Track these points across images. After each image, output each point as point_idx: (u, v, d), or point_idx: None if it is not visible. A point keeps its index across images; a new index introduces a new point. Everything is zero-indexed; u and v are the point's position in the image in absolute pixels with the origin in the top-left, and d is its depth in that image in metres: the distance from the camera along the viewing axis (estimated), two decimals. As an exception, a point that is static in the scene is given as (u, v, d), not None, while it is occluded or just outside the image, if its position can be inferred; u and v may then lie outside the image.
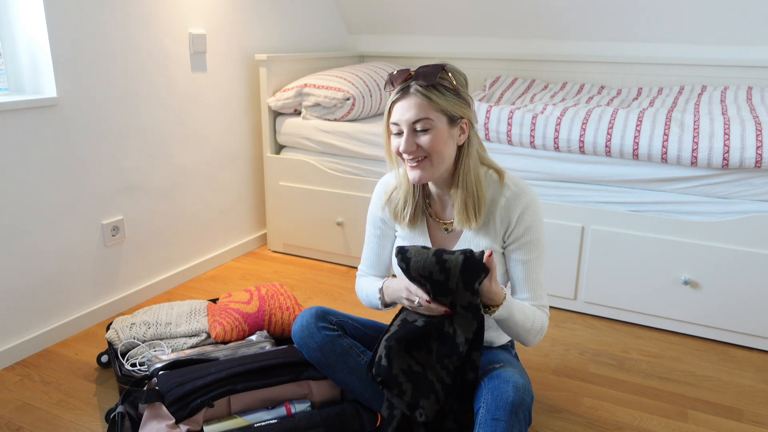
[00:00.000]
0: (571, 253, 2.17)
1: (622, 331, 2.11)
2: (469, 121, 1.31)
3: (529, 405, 1.27)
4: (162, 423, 1.36)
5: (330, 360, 1.43)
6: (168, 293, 2.39)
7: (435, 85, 1.25)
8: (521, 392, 1.26)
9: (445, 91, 1.26)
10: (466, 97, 1.30)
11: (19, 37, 1.90)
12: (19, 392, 1.72)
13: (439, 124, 1.26)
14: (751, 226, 1.89)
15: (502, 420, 1.23)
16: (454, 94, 1.27)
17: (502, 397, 1.25)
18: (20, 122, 1.80)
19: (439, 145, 1.26)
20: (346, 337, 1.45)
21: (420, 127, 1.25)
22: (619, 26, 2.80)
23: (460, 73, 1.30)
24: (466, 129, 1.31)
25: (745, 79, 2.66)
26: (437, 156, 1.27)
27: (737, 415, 1.64)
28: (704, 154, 1.90)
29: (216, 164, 2.60)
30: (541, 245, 1.36)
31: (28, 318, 1.91)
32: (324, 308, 1.48)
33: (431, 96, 1.24)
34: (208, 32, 2.44)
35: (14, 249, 1.84)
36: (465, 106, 1.29)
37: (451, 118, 1.27)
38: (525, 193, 1.34)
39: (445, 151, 1.28)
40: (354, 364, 1.42)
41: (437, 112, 1.25)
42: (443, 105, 1.25)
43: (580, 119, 2.09)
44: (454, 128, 1.29)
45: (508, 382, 1.28)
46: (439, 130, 1.26)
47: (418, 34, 3.34)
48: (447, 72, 1.27)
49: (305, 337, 1.44)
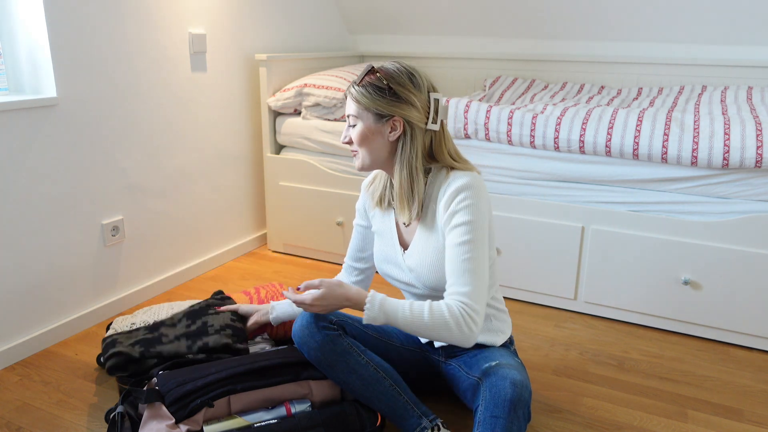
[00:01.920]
0: (571, 253, 2.17)
1: (622, 331, 2.11)
2: (404, 119, 1.36)
3: (528, 401, 1.27)
4: (162, 423, 1.36)
5: (330, 359, 1.43)
6: (168, 293, 2.39)
7: (363, 84, 1.36)
8: (519, 389, 1.26)
9: (372, 90, 1.35)
10: (403, 95, 1.34)
11: (19, 37, 1.90)
12: (19, 392, 1.72)
13: (364, 120, 1.38)
14: (751, 226, 1.89)
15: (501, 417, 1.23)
16: (383, 93, 1.34)
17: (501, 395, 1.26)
18: (20, 122, 1.80)
19: (363, 140, 1.39)
20: (347, 337, 1.45)
21: (351, 121, 1.41)
22: (619, 26, 2.80)
23: (403, 73, 1.36)
24: (399, 126, 1.37)
25: (745, 79, 2.66)
26: (362, 149, 1.40)
27: (737, 415, 1.64)
28: (704, 154, 1.90)
29: (216, 164, 2.60)
30: (473, 232, 1.32)
31: (28, 318, 1.91)
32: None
33: (356, 95, 1.37)
34: (208, 32, 2.44)
35: (14, 249, 1.84)
36: (398, 104, 1.35)
37: (378, 115, 1.36)
38: (462, 184, 1.34)
39: (370, 146, 1.39)
40: (354, 364, 1.42)
41: (362, 109, 1.37)
42: (366, 103, 1.36)
43: (580, 119, 2.09)
44: (383, 125, 1.37)
45: (506, 378, 1.28)
46: (365, 126, 1.38)
47: (418, 34, 3.34)
48: (375, 72, 1.36)
49: (305, 337, 1.44)
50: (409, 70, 1.37)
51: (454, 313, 1.27)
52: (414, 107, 1.35)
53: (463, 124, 2.26)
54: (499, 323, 1.52)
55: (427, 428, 1.37)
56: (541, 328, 2.12)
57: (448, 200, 1.35)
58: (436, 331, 1.28)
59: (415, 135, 1.37)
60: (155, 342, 1.67)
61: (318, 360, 1.44)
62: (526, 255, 2.25)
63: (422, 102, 1.36)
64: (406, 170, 1.39)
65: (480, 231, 1.33)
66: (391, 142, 1.39)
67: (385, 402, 1.42)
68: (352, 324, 1.51)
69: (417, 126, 1.37)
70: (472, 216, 1.33)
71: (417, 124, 1.37)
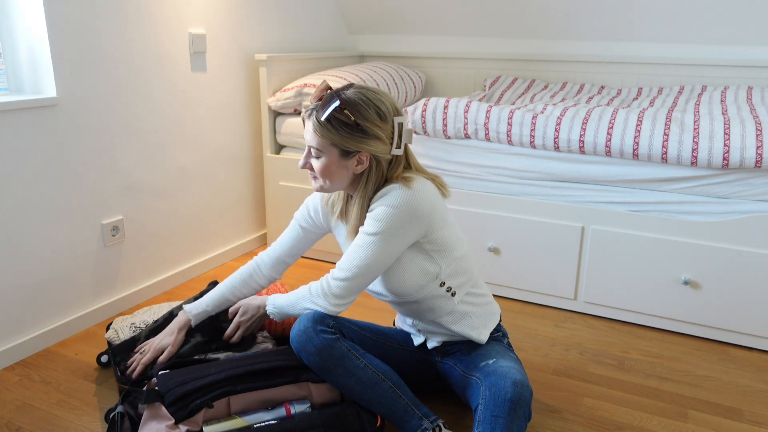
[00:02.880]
0: (571, 253, 2.17)
1: (622, 331, 2.11)
2: (370, 154, 1.36)
3: (529, 400, 1.28)
4: (161, 423, 1.36)
5: (329, 364, 1.41)
6: (168, 293, 2.39)
7: (328, 119, 1.32)
8: (520, 388, 1.26)
9: (339, 125, 1.32)
10: (370, 130, 1.33)
11: (19, 37, 1.90)
12: (19, 392, 1.72)
13: (329, 155, 1.36)
14: (751, 226, 1.89)
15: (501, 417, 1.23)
16: (350, 129, 1.32)
17: (501, 394, 1.26)
18: (20, 122, 1.80)
19: (327, 172, 1.38)
20: (345, 340, 1.44)
21: (314, 153, 1.39)
22: (619, 26, 2.80)
23: (368, 106, 1.33)
24: (365, 161, 1.37)
25: (745, 79, 2.66)
26: (325, 179, 1.40)
27: (737, 415, 1.64)
28: (704, 154, 1.90)
29: (216, 164, 2.60)
30: (375, 232, 1.35)
31: (28, 318, 1.91)
32: (321, 312, 1.47)
33: (322, 131, 1.34)
34: (208, 32, 2.44)
35: (14, 249, 1.84)
36: (364, 139, 1.33)
37: (344, 152, 1.35)
38: (391, 196, 1.36)
39: (333, 178, 1.39)
40: (353, 367, 1.41)
41: (328, 144, 1.35)
42: (333, 139, 1.33)
43: (580, 119, 2.09)
44: (348, 160, 1.37)
45: (507, 378, 1.29)
46: (329, 159, 1.36)
47: (418, 34, 3.34)
48: (343, 108, 1.31)
49: (303, 342, 1.42)
50: (375, 101, 1.34)
51: (315, 289, 1.43)
52: (380, 140, 1.35)
53: (463, 124, 2.26)
54: (478, 319, 1.52)
55: (428, 429, 1.37)
56: (541, 328, 2.12)
57: (375, 207, 1.38)
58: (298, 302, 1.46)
59: (379, 165, 1.40)
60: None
61: (317, 365, 1.42)
62: (526, 255, 2.25)
63: (387, 132, 1.36)
64: (367, 198, 1.42)
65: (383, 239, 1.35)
66: (355, 174, 1.41)
67: (386, 404, 1.41)
68: (350, 327, 1.51)
69: (383, 158, 1.38)
70: (383, 222, 1.35)
71: (383, 157, 1.38)
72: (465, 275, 1.49)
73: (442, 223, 1.42)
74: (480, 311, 1.53)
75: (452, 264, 1.45)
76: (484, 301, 1.55)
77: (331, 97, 1.33)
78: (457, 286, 1.47)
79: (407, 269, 1.42)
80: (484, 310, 1.54)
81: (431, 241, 1.41)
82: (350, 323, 1.52)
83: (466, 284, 1.49)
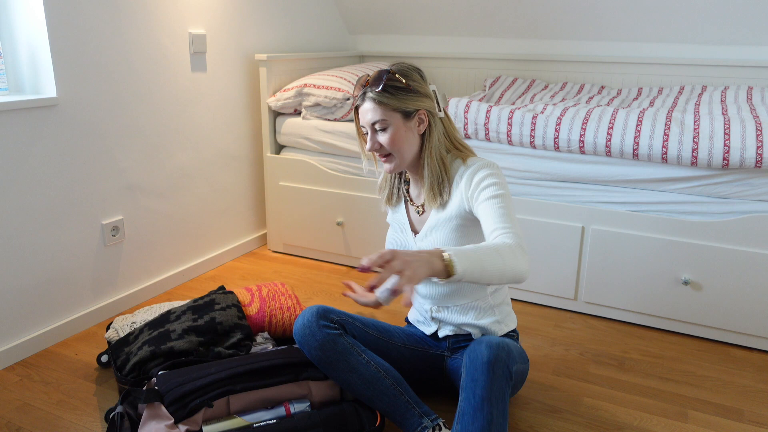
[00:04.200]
0: (571, 253, 2.17)
1: (622, 331, 2.11)
2: (426, 110, 1.43)
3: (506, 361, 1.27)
4: (161, 423, 1.36)
5: (331, 359, 1.43)
6: (168, 293, 2.39)
7: (385, 88, 1.39)
8: (495, 349, 1.27)
9: (395, 91, 1.39)
10: (420, 90, 1.42)
11: (19, 37, 1.90)
12: (19, 392, 1.72)
13: (394, 122, 1.40)
14: (751, 226, 1.89)
15: (479, 379, 1.24)
16: (405, 92, 1.40)
17: (477, 357, 1.27)
18: (20, 122, 1.80)
19: (398, 141, 1.41)
20: (347, 336, 1.45)
21: (378, 126, 1.41)
22: (619, 26, 2.80)
23: (411, 70, 1.44)
24: (425, 118, 1.43)
25: (745, 79, 2.66)
26: (397, 150, 1.42)
27: (737, 415, 1.64)
28: (704, 154, 1.90)
29: (216, 164, 2.60)
30: (504, 188, 1.37)
31: (28, 318, 1.91)
32: (325, 307, 1.49)
33: (382, 99, 1.39)
34: (208, 32, 2.44)
35: (14, 249, 1.84)
36: (419, 98, 1.42)
37: (406, 113, 1.41)
38: (481, 163, 1.42)
39: (404, 145, 1.42)
40: (355, 363, 1.43)
41: (390, 111, 1.40)
42: (394, 104, 1.39)
43: (580, 119, 2.08)
44: (411, 121, 1.42)
45: (482, 343, 1.30)
46: (396, 127, 1.41)
47: (418, 34, 3.34)
48: (394, 73, 1.40)
49: (306, 336, 1.45)
50: (413, 67, 1.44)
51: (510, 241, 1.23)
52: (429, 98, 1.44)
53: (463, 124, 2.26)
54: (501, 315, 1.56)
55: (428, 428, 1.37)
56: (541, 328, 2.12)
57: (469, 177, 1.40)
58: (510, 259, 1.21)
59: (436, 124, 1.45)
60: (164, 338, 1.68)
61: (319, 359, 1.44)
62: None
63: (430, 93, 1.45)
64: (435, 159, 1.44)
65: (506, 192, 1.36)
66: (420, 135, 1.45)
67: (386, 402, 1.41)
68: (353, 324, 1.52)
69: (436, 115, 1.45)
70: (499, 180, 1.38)
71: (436, 113, 1.45)
72: None
73: None
74: (504, 309, 1.58)
75: None
76: (507, 301, 1.61)
77: (379, 73, 1.41)
78: None
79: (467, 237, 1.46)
80: (506, 310, 1.59)
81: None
82: (354, 319, 1.53)
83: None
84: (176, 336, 1.68)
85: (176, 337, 1.68)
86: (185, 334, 1.69)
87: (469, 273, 1.16)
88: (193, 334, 1.70)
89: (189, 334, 1.70)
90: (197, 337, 1.70)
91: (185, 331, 1.70)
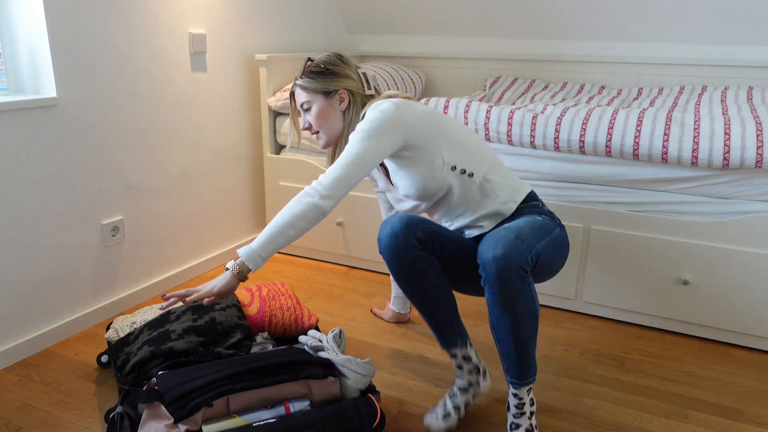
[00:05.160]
0: (572, 253, 2.17)
1: (622, 331, 2.11)
2: (347, 89, 1.61)
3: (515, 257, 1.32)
4: (161, 423, 1.36)
5: (405, 275, 1.52)
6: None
7: (306, 74, 1.62)
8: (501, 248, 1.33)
9: (315, 76, 1.61)
10: (340, 72, 1.61)
11: (19, 37, 1.90)
12: (19, 392, 1.72)
13: (316, 101, 1.61)
14: (751, 226, 1.89)
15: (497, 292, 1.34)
16: (323, 75, 1.60)
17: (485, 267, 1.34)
18: (20, 122, 1.80)
19: (321, 117, 1.62)
20: (430, 257, 1.52)
21: (305, 107, 1.64)
22: (619, 26, 2.80)
23: (332, 55, 1.63)
24: (345, 97, 1.62)
25: (745, 79, 2.66)
26: (322, 126, 1.63)
27: (738, 415, 1.64)
28: (705, 154, 1.90)
29: (216, 164, 2.60)
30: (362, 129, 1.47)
31: (28, 318, 1.91)
32: (414, 219, 1.53)
33: (304, 84, 1.62)
34: (208, 32, 2.44)
35: (14, 249, 1.84)
36: (338, 79, 1.61)
37: (326, 93, 1.61)
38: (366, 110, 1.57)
39: (328, 121, 1.63)
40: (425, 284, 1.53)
41: (312, 93, 1.61)
42: (314, 86, 1.60)
43: (580, 119, 2.08)
44: (332, 100, 1.61)
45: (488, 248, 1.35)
46: (318, 105, 1.61)
47: (418, 34, 3.34)
48: (311, 60, 1.63)
49: (392, 248, 1.50)
50: (335, 53, 1.65)
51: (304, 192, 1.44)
52: (350, 78, 1.62)
53: (463, 124, 2.26)
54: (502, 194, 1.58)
55: (458, 346, 1.58)
56: (541, 328, 2.12)
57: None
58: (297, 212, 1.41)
59: (356, 101, 1.63)
60: (164, 339, 1.68)
61: (395, 271, 1.54)
62: (526, 255, 2.24)
63: (355, 74, 1.63)
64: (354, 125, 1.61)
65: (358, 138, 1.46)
66: (342, 112, 1.63)
67: (436, 318, 1.57)
68: (439, 232, 1.57)
69: (357, 93, 1.63)
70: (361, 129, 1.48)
71: (357, 92, 1.63)
72: (479, 159, 1.58)
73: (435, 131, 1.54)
74: (504, 186, 1.60)
75: (455, 149, 1.55)
76: (508, 181, 1.62)
77: (304, 63, 1.65)
78: (473, 167, 1.56)
79: (416, 165, 1.54)
80: (508, 184, 1.61)
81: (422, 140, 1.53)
82: (439, 228, 1.58)
83: (482, 166, 1.57)
84: (176, 336, 1.68)
85: (176, 337, 1.68)
86: (185, 335, 1.69)
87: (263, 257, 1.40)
88: (193, 334, 1.71)
89: (189, 334, 1.70)
90: (197, 337, 1.70)
91: (185, 332, 1.70)
